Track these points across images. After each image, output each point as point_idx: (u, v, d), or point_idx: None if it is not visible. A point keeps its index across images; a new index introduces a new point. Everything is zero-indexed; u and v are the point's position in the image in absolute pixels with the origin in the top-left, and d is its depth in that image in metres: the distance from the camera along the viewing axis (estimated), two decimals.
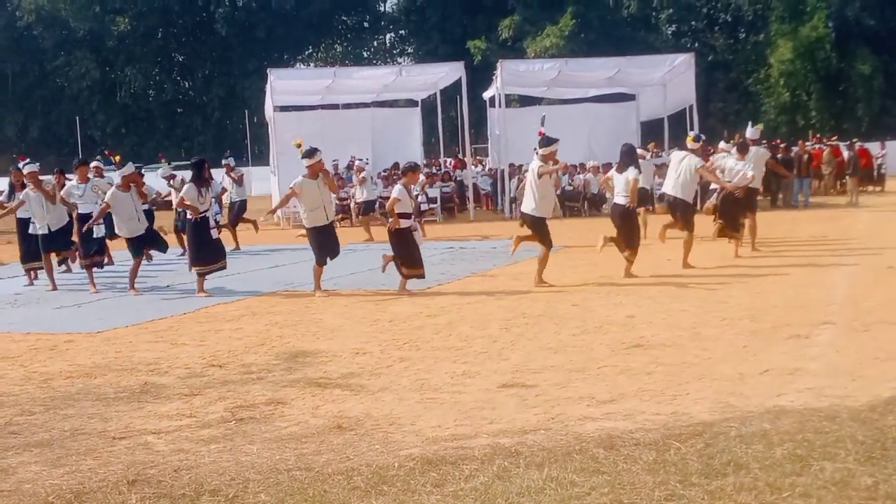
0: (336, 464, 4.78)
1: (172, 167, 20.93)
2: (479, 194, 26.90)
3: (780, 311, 8.78)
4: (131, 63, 57.41)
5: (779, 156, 25.10)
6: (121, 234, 12.30)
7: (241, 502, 4.31)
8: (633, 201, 11.55)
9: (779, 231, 16.77)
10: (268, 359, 7.63)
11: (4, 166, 47.64)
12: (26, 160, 13.51)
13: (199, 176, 11.75)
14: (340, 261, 12.07)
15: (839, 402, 5.51)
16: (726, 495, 4.07)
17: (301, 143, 11.67)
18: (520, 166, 25.48)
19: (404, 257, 11.22)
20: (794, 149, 27.33)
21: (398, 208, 11.13)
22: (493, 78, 26.93)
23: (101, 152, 25.14)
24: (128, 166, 12.49)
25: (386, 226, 18.38)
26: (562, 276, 11.71)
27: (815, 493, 4.05)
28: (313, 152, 11.26)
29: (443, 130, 30.41)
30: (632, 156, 11.90)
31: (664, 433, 5.00)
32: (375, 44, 63.11)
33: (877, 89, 44.41)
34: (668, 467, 4.45)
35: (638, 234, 11.82)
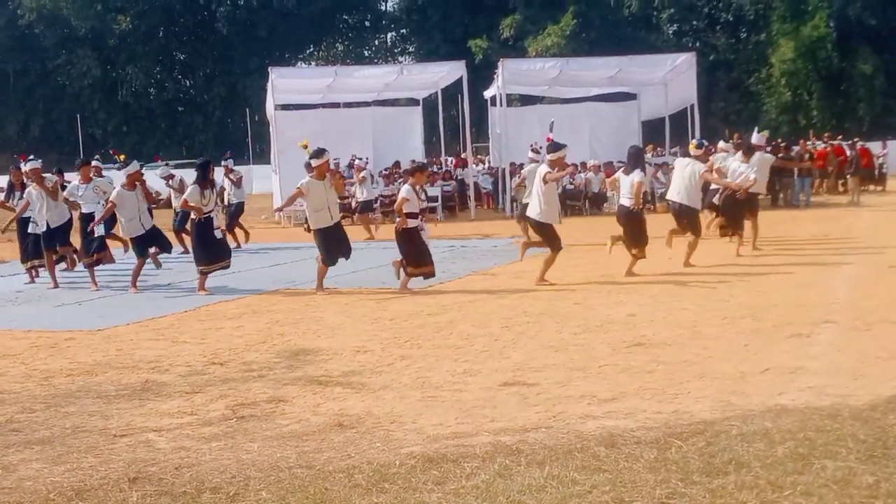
0: (337, 462, 4.78)
1: (172, 167, 20.91)
2: (480, 193, 26.90)
3: (782, 309, 8.78)
4: (133, 61, 57.43)
5: (780, 155, 25.12)
6: (122, 235, 12.30)
7: (242, 500, 4.31)
8: (637, 204, 11.68)
9: (780, 230, 16.76)
10: (269, 357, 7.63)
11: (5, 165, 47.72)
12: (29, 158, 13.51)
13: (205, 177, 11.74)
14: (341, 259, 12.05)
15: (840, 400, 5.51)
16: (728, 493, 4.06)
17: (308, 144, 11.66)
18: (521, 165, 25.49)
19: (411, 256, 11.21)
20: (795, 148, 27.30)
21: (406, 208, 11.12)
22: (495, 77, 26.92)
23: (106, 151, 25.16)
24: (132, 165, 12.49)
25: (376, 226, 18.34)
26: (563, 274, 11.71)
27: (816, 492, 4.05)
28: (321, 153, 11.25)
29: (444, 129, 30.40)
30: (638, 158, 12.06)
31: (665, 431, 5.00)
32: (377, 43, 63.13)
33: (878, 89, 44.39)
34: (669, 465, 4.44)
35: (645, 234, 11.90)
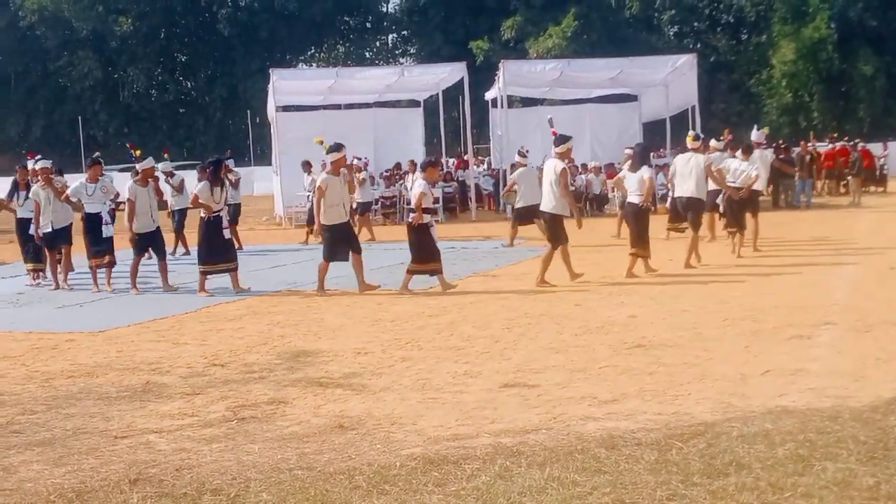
0: (338, 463, 4.78)
1: (173, 166, 20.88)
2: (481, 194, 26.90)
3: (782, 311, 8.78)
4: (134, 63, 57.46)
5: (780, 157, 25.11)
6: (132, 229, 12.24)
7: (242, 501, 4.31)
8: (647, 200, 11.77)
9: (781, 231, 16.75)
10: (269, 358, 7.63)
11: (7, 165, 47.71)
12: (37, 157, 13.47)
13: (215, 175, 11.77)
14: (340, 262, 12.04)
15: (841, 402, 5.51)
16: (728, 495, 4.06)
17: (322, 140, 11.67)
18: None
19: (422, 253, 11.18)
20: (796, 149, 27.30)
21: (423, 203, 11.13)
22: (496, 78, 26.92)
23: (108, 151, 25.15)
24: (147, 161, 12.48)
25: (368, 227, 18.27)
26: (564, 275, 11.70)
27: (816, 493, 4.05)
28: (339, 147, 11.22)
29: (445, 131, 30.40)
30: (644, 155, 12.22)
31: (666, 433, 5.00)
32: (378, 44, 63.14)
33: (879, 90, 44.41)
34: (669, 467, 4.44)
35: (647, 233, 11.98)
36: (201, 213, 11.77)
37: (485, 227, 21.28)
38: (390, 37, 63.26)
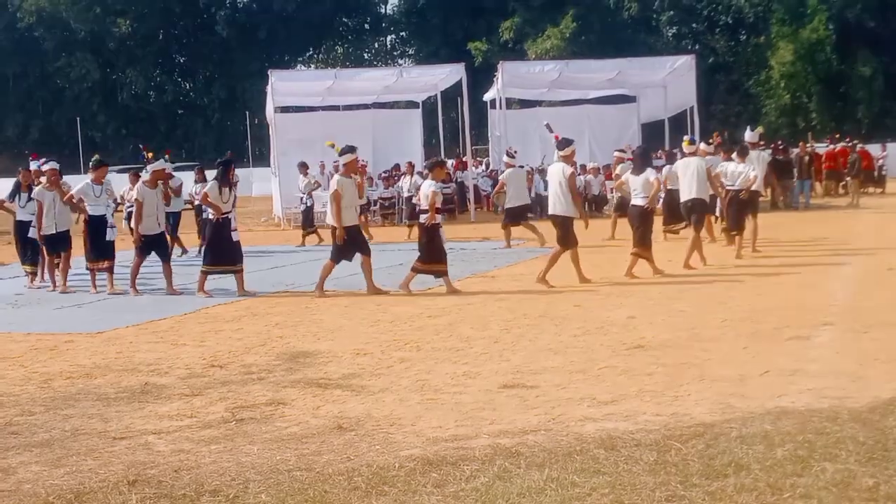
0: (337, 464, 4.78)
1: (172, 167, 20.81)
2: (479, 195, 26.90)
3: (781, 312, 8.78)
4: (132, 64, 57.48)
5: (779, 157, 25.12)
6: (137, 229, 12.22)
7: (241, 503, 4.31)
8: (653, 203, 11.79)
9: (780, 232, 16.76)
10: (268, 359, 7.63)
11: (5, 167, 47.67)
12: (48, 159, 13.42)
13: (225, 175, 11.73)
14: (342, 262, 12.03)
15: (840, 403, 5.51)
16: (727, 496, 4.06)
17: (334, 143, 11.68)
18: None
19: (430, 253, 11.19)
20: (795, 150, 27.32)
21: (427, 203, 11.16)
22: (494, 79, 26.93)
23: (137, 146, 25.08)
24: (158, 163, 12.44)
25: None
26: (563, 276, 11.70)
27: (815, 494, 4.05)
28: (353, 149, 11.23)
29: (443, 132, 30.41)
30: (646, 157, 12.31)
31: (665, 434, 5.00)
32: (376, 45, 63.15)
33: (877, 91, 44.44)
34: (668, 468, 4.44)
35: (650, 234, 12.03)
36: (210, 215, 11.76)
37: (483, 229, 21.27)
38: (389, 38, 63.31)
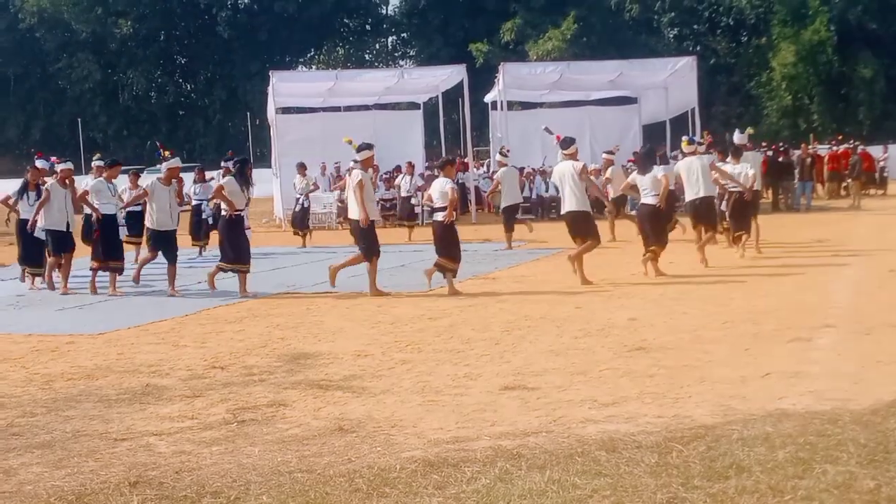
0: (338, 466, 4.78)
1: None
2: (480, 197, 26.92)
3: (782, 314, 8.78)
4: (133, 65, 57.51)
5: (780, 159, 25.15)
6: (149, 225, 12.24)
7: None
8: (663, 201, 11.77)
9: (781, 234, 16.76)
10: (269, 361, 7.63)
11: (6, 168, 47.65)
12: (61, 160, 13.40)
13: (242, 173, 11.85)
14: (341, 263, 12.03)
15: (841, 405, 5.51)
16: (728, 498, 4.06)
17: (351, 140, 11.79)
18: (521, 168, 25.49)
19: (452, 250, 11.22)
20: (797, 152, 27.32)
21: (444, 201, 11.19)
22: (495, 81, 26.94)
23: (153, 143, 25.04)
24: (174, 161, 12.50)
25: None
26: (564, 278, 11.71)
27: (817, 497, 4.04)
28: (370, 146, 11.46)
29: (444, 133, 30.44)
30: (651, 157, 12.32)
31: (666, 436, 4.99)
32: (377, 46, 63.18)
33: (878, 93, 44.44)
34: (669, 470, 4.44)
35: (666, 233, 12.06)
36: (223, 211, 11.79)
37: (484, 230, 21.26)
38: (390, 39, 63.35)
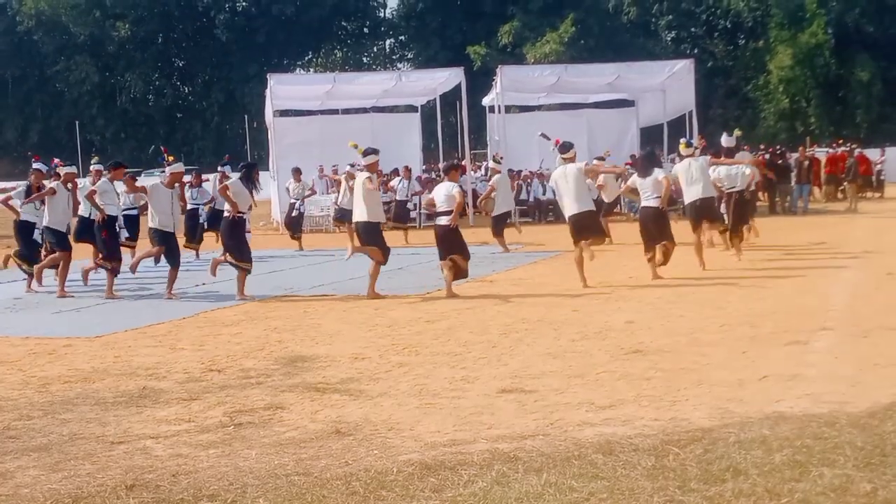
0: (335, 469, 4.78)
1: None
2: (477, 199, 26.90)
3: (779, 316, 8.78)
4: (131, 68, 57.54)
5: (778, 162, 25.17)
6: (152, 224, 12.25)
7: None
8: (665, 203, 11.77)
9: (778, 237, 16.77)
10: (266, 364, 7.62)
11: (3, 170, 47.61)
12: (63, 163, 13.44)
13: (248, 177, 12.01)
14: (338, 265, 12.06)
15: (838, 407, 5.51)
16: (725, 501, 4.06)
17: (357, 144, 11.92)
18: (519, 171, 25.52)
19: (464, 251, 11.31)
20: (794, 155, 27.34)
21: (449, 205, 11.25)
22: (493, 84, 26.95)
23: (157, 148, 25.15)
24: (177, 165, 12.64)
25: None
26: (562, 280, 11.72)
27: (813, 499, 4.05)
28: (375, 151, 11.76)
29: (442, 136, 30.44)
30: (652, 159, 12.36)
31: (663, 439, 5.00)
32: (375, 49, 63.27)
33: (876, 96, 44.54)
34: (666, 473, 4.44)
35: (671, 233, 12.08)
36: (226, 212, 11.83)
37: (482, 233, 21.25)
38: (388, 42, 63.45)
